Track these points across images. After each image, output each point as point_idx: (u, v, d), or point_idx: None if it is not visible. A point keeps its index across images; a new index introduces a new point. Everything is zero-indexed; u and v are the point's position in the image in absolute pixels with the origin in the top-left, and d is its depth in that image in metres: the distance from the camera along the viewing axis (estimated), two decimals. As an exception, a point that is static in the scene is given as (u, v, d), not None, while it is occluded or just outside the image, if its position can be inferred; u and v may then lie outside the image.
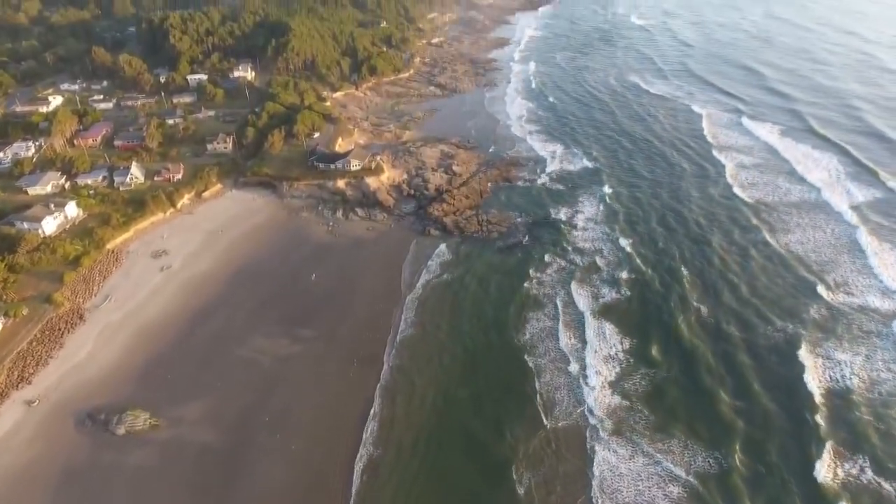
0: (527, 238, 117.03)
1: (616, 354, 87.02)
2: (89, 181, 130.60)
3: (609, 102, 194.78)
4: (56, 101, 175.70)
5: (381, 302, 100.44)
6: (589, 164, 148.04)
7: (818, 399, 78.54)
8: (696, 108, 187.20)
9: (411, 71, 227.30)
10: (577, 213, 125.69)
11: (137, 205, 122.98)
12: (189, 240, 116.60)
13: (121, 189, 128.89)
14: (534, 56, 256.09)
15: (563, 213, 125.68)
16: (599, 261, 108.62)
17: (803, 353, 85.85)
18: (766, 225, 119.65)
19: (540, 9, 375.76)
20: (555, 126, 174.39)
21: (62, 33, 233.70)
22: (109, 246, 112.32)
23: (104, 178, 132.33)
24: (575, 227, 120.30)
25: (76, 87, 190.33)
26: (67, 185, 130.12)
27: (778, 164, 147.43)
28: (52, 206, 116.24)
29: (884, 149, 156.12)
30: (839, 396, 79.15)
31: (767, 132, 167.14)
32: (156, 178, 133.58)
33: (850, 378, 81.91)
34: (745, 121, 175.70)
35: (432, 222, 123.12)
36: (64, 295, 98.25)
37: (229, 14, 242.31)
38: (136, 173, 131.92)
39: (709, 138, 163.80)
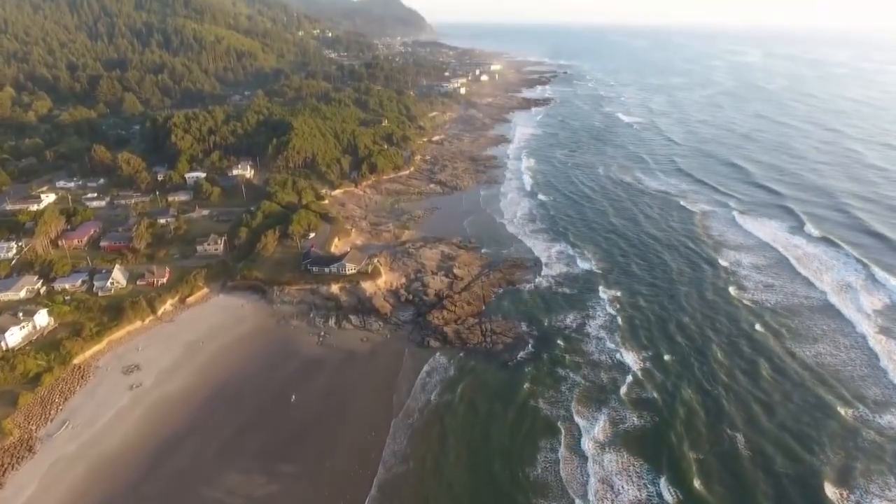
0: (532, 352, 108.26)
1: (628, 500, 76.18)
2: (67, 286, 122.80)
3: (603, 201, 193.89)
4: (48, 198, 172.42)
5: (372, 429, 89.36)
6: (588, 267, 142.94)
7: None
8: (689, 206, 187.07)
9: (412, 168, 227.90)
10: (582, 322, 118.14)
11: (115, 312, 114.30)
12: (166, 352, 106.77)
13: (99, 294, 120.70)
14: (531, 154, 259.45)
15: (568, 322, 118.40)
16: (605, 379, 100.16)
17: (833, 495, 76.12)
18: (773, 333, 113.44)
19: (533, 108, 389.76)
20: (553, 226, 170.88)
21: (67, 131, 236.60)
22: (77, 360, 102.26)
23: (83, 282, 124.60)
24: (580, 339, 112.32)
25: (72, 184, 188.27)
26: (43, 289, 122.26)
27: (777, 264, 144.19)
28: (20, 314, 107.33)
29: (883, 247, 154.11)
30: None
31: (762, 230, 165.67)
32: (139, 283, 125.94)
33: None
34: (738, 218, 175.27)
35: (432, 332, 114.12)
36: (15, 421, 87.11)
37: (233, 113, 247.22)
38: (117, 277, 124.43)
39: (704, 237, 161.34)
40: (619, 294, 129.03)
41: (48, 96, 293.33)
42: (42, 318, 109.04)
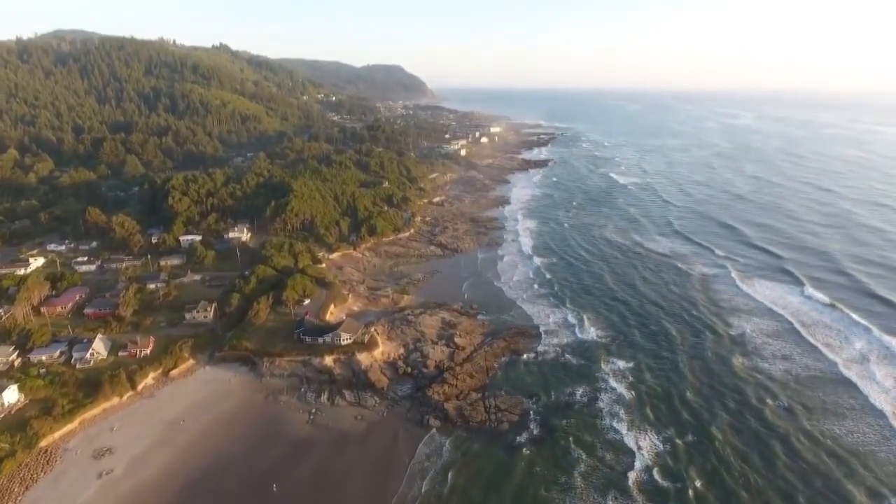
0: (538, 432, 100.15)
1: None
2: (44, 357, 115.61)
3: (601, 264, 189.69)
4: (37, 262, 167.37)
5: (365, 525, 80.00)
6: (590, 336, 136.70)
7: None
8: (688, 270, 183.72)
9: (412, 230, 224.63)
10: (588, 400, 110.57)
11: (91, 387, 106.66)
12: (142, 433, 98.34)
13: (77, 367, 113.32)
14: (530, 215, 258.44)
15: (574, 398, 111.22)
16: (615, 465, 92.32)
17: None
18: (787, 412, 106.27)
19: (532, 169, 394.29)
20: (553, 290, 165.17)
21: (65, 193, 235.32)
22: (44, 443, 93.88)
23: (62, 352, 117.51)
24: (587, 418, 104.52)
25: (63, 247, 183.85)
26: (18, 361, 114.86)
27: (784, 332, 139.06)
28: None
29: (891, 313, 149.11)
30: None
31: (764, 294, 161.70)
32: (120, 353, 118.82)
33: None
34: (739, 282, 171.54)
35: (431, 409, 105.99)
36: (-35, 518, 77.90)
37: (234, 175, 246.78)
38: (98, 348, 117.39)
39: (706, 303, 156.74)
40: (623, 366, 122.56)
41: (51, 158, 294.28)
42: (11, 395, 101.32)
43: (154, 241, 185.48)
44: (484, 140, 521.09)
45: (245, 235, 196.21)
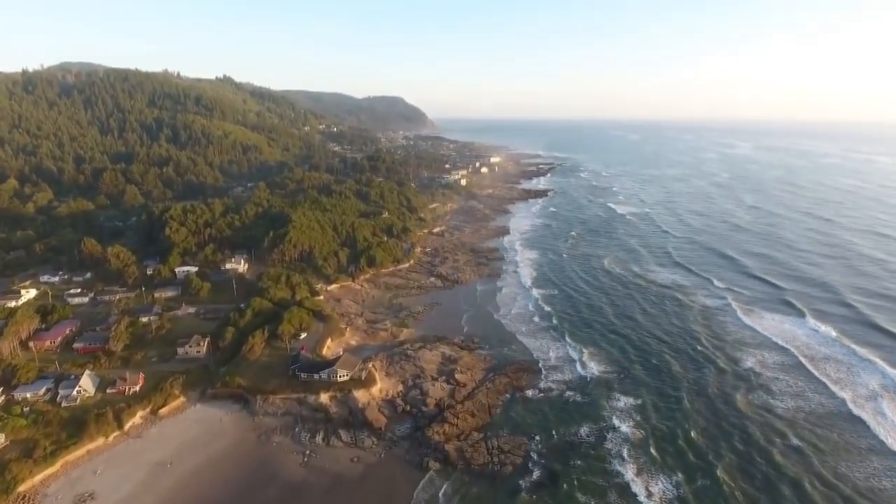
0: (544, 474, 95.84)
1: None
2: (29, 395, 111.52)
3: (601, 296, 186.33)
4: (29, 294, 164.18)
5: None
6: (593, 372, 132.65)
7: None
8: (689, 302, 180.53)
9: (412, 261, 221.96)
10: (594, 441, 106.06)
11: (76, 426, 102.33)
12: (127, 476, 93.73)
13: (63, 405, 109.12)
14: (530, 245, 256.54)
15: (579, 438, 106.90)
16: None
17: None
18: (794, 449, 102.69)
19: (531, 199, 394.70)
20: (553, 324, 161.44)
21: (62, 223, 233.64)
22: (22, 487, 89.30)
23: (48, 389, 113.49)
24: (594, 458, 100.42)
25: (56, 278, 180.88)
26: (1, 399, 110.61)
27: (791, 367, 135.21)
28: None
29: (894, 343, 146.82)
30: None
31: (768, 328, 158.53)
32: (109, 390, 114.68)
33: None
34: (742, 315, 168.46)
35: (431, 450, 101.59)
36: (-68, 572, 73.05)
37: (233, 205, 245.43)
38: (86, 385, 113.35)
39: (709, 337, 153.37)
40: (627, 404, 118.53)
41: (51, 188, 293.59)
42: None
43: (149, 272, 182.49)
44: (484, 170, 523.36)
45: (242, 266, 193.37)
